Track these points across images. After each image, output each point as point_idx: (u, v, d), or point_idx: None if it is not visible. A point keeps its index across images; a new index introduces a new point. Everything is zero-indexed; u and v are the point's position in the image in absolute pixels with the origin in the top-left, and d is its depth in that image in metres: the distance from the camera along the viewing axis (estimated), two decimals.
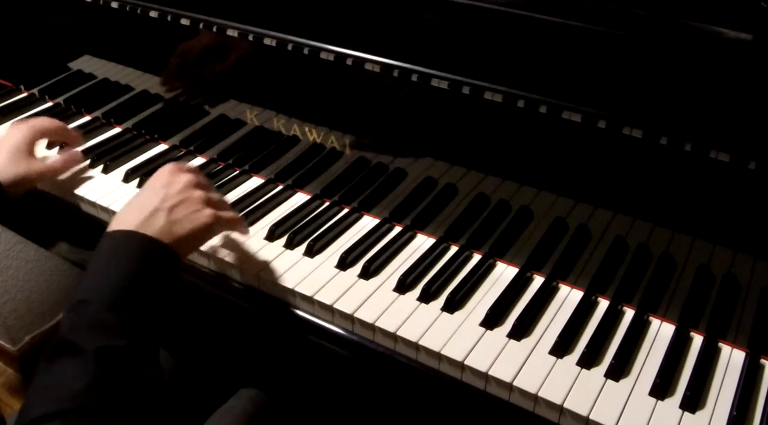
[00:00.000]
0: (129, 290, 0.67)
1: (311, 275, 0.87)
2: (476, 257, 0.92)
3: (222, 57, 0.98)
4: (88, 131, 1.18)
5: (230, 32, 0.94)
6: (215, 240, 0.89)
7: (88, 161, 1.08)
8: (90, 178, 1.06)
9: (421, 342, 0.78)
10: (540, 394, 0.73)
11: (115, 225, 0.73)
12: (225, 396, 1.02)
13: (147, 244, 0.70)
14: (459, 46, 0.84)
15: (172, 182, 0.78)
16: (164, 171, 0.80)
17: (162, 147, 1.14)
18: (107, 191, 1.03)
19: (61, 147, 1.12)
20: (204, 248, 0.88)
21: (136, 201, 0.76)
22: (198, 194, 0.78)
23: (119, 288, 0.67)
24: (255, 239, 0.93)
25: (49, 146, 1.13)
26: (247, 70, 0.99)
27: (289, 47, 0.90)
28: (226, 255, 0.90)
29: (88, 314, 0.66)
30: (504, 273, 0.90)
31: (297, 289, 0.85)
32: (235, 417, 0.98)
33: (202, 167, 1.08)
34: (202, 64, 1.01)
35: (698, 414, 0.72)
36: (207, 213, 0.76)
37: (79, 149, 1.08)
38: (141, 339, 0.67)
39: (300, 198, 1.03)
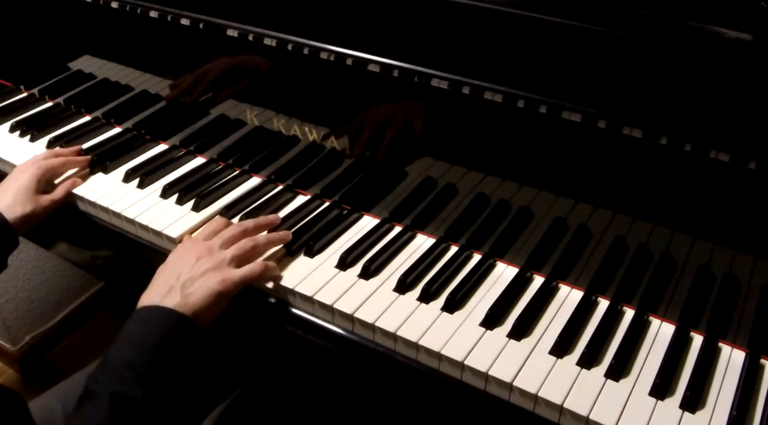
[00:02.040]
0: (147, 351, 0.75)
1: (311, 275, 0.87)
2: (476, 257, 0.92)
3: (242, 68, 0.99)
4: (88, 131, 1.18)
5: (230, 32, 0.94)
6: None
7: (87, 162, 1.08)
8: (90, 178, 1.07)
9: (421, 342, 0.78)
10: (540, 394, 0.73)
11: (140, 303, 0.81)
12: (223, 394, 1.02)
13: (165, 315, 0.78)
14: (459, 46, 0.84)
15: (185, 259, 0.84)
16: (178, 248, 0.88)
17: (162, 147, 1.15)
18: (107, 191, 1.03)
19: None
20: None
21: (156, 282, 0.83)
22: (205, 266, 0.83)
23: (138, 349, 0.75)
24: None
25: (50, 145, 1.14)
26: (246, 71, 0.99)
27: (289, 47, 0.91)
28: None
29: (108, 369, 0.74)
30: (504, 273, 0.90)
31: (297, 289, 0.85)
32: (232, 416, 0.98)
33: (201, 167, 1.09)
34: (227, 76, 1.02)
35: (698, 414, 0.72)
36: (216, 281, 0.81)
37: (80, 158, 1.09)
38: (157, 393, 0.73)
39: (300, 198, 1.03)
